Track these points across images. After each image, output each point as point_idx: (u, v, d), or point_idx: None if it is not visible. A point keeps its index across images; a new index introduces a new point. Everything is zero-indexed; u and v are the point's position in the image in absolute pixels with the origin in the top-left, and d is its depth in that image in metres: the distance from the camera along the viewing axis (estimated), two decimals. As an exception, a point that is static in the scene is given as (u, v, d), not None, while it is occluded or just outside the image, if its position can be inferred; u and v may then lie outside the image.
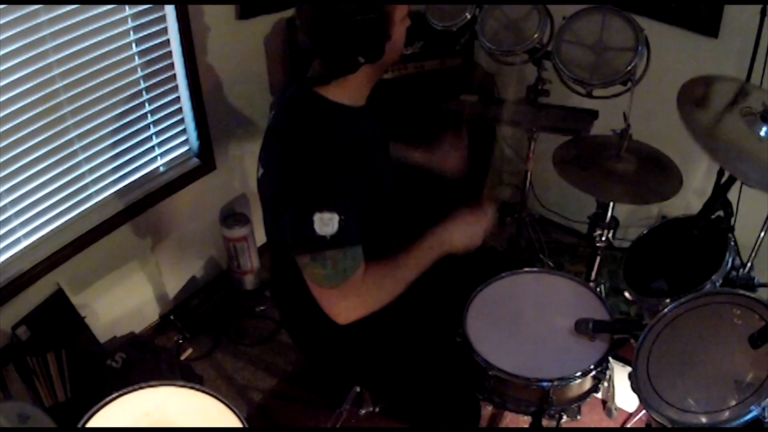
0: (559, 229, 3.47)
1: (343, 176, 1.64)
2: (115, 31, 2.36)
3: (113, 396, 1.66)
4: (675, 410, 1.61)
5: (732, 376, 1.60)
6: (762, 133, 1.92)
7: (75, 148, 2.42)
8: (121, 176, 2.64)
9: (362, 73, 1.71)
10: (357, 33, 1.59)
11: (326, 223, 1.59)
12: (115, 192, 2.64)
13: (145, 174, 2.73)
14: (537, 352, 1.93)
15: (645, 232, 2.26)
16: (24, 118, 2.21)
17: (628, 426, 2.50)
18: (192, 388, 1.72)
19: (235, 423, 1.65)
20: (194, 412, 1.67)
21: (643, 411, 2.45)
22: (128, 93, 2.51)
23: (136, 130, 2.60)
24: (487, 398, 1.94)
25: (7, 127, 2.18)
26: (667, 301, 1.86)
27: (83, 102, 2.36)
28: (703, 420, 1.57)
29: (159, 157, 2.76)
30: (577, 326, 1.92)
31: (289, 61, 2.97)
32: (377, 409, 2.51)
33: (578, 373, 1.84)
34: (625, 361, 2.56)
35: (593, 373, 1.88)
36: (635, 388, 1.71)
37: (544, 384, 1.83)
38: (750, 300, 1.68)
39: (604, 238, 2.37)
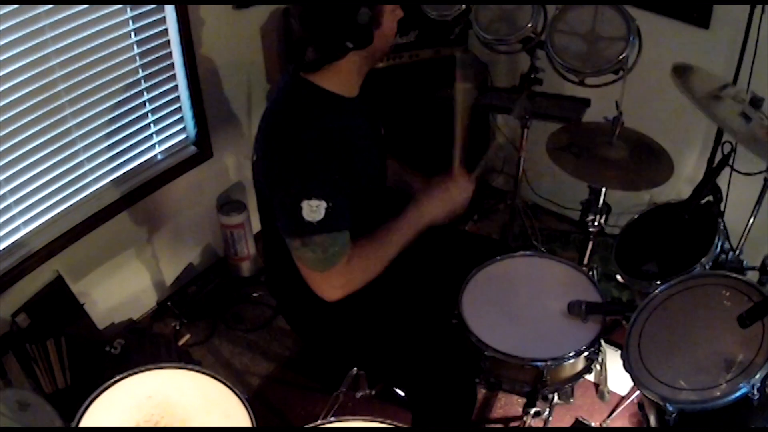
0: (551, 217, 3.50)
1: (331, 165, 1.69)
2: (114, 21, 2.37)
3: (115, 379, 1.68)
4: (667, 388, 1.66)
5: (722, 356, 1.65)
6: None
7: (73, 136, 2.43)
8: (119, 164, 2.65)
9: (352, 61, 1.75)
10: (346, 18, 1.63)
11: (314, 210, 1.65)
12: (113, 180, 2.66)
13: (143, 162, 2.75)
14: (531, 333, 1.97)
15: (636, 216, 2.29)
16: (23, 107, 2.23)
17: (621, 408, 2.54)
18: (193, 369, 1.74)
19: (236, 403, 1.67)
20: (195, 393, 1.69)
21: (635, 394, 2.50)
22: (126, 82, 2.52)
23: (134, 119, 2.62)
24: (482, 379, 1.98)
25: (7, 116, 2.19)
26: (658, 283, 1.89)
27: (82, 91, 2.38)
28: (694, 398, 1.62)
29: (157, 145, 2.78)
30: (570, 308, 1.96)
31: (285, 50, 2.99)
32: (373, 393, 2.55)
33: (571, 353, 1.88)
34: (617, 346, 2.59)
35: (586, 353, 1.92)
36: (627, 367, 1.75)
37: (539, 364, 1.87)
38: (738, 282, 1.72)
39: (596, 224, 2.40)
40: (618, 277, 2.18)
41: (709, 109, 1.96)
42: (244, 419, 1.64)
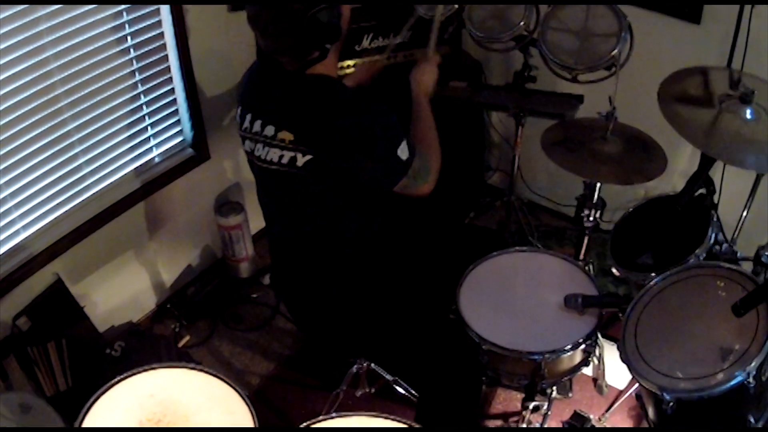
0: (547, 213, 3.51)
1: (383, 113, 1.85)
2: (110, 25, 2.38)
3: (118, 378, 1.69)
4: (664, 378, 1.68)
5: (718, 345, 1.67)
6: (747, 116, 1.98)
7: (72, 140, 2.44)
8: (117, 167, 2.66)
9: (332, 52, 1.87)
10: (316, 27, 1.74)
11: (404, 150, 1.88)
12: (111, 183, 2.66)
13: (141, 165, 2.76)
14: (529, 327, 1.99)
15: (631, 209, 2.31)
16: (22, 111, 2.24)
17: (619, 402, 2.55)
18: (194, 368, 1.76)
19: (238, 400, 1.69)
20: (197, 391, 1.70)
21: (634, 387, 2.51)
22: (124, 85, 2.53)
23: (131, 122, 2.63)
24: (481, 373, 1.99)
25: (6, 120, 2.20)
26: (653, 274, 1.91)
27: (80, 95, 2.39)
28: (691, 387, 1.64)
29: (154, 148, 2.79)
30: (566, 301, 1.98)
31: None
32: (373, 390, 2.56)
33: (569, 346, 1.90)
34: (614, 340, 2.60)
35: (583, 346, 1.93)
36: (624, 358, 1.77)
37: (536, 357, 1.89)
38: (732, 272, 1.75)
39: (591, 219, 2.42)
40: (614, 270, 2.20)
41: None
42: (245, 416, 1.65)
